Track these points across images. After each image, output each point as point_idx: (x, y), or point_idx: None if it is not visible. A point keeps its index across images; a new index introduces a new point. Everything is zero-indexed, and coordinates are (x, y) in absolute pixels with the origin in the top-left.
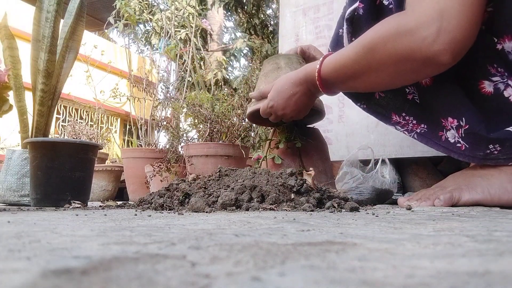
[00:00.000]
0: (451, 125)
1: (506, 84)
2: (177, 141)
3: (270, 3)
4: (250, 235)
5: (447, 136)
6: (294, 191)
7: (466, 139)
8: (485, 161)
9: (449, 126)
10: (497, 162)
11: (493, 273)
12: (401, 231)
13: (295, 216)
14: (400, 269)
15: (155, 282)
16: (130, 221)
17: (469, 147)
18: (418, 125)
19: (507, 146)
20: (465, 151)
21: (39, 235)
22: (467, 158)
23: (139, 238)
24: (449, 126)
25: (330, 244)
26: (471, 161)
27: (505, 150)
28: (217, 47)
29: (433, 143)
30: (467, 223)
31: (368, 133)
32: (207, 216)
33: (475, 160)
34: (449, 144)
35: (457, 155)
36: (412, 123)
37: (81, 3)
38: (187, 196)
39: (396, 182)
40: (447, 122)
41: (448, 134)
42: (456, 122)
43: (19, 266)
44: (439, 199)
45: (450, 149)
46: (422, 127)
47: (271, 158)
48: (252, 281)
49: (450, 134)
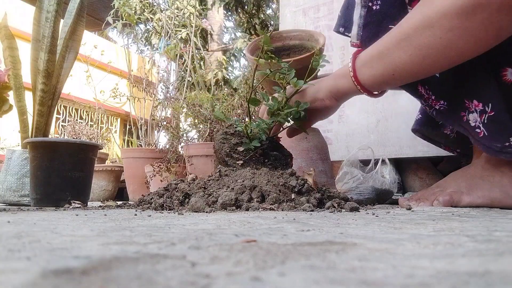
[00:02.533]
0: (475, 108)
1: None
2: (177, 141)
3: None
4: (250, 235)
5: (468, 118)
6: (295, 191)
7: (488, 126)
8: (500, 154)
9: (472, 109)
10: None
11: (493, 273)
12: (401, 231)
13: (295, 216)
14: (400, 269)
15: (155, 282)
16: (130, 221)
17: (488, 136)
18: (437, 102)
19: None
20: (482, 138)
21: (39, 235)
22: (482, 147)
23: (139, 238)
24: (472, 109)
25: (330, 244)
26: (485, 151)
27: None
28: (217, 47)
29: (453, 121)
30: (467, 223)
31: (368, 133)
32: (207, 216)
33: (489, 151)
34: (469, 127)
35: (473, 140)
36: (431, 99)
37: (81, 3)
38: (187, 196)
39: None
40: (471, 104)
41: (470, 117)
42: (481, 107)
43: (19, 266)
44: (438, 201)
45: (469, 131)
46: (441, 103)
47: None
48: (252, 281)
49: (472, 117)
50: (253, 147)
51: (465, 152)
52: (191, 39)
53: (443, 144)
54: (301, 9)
